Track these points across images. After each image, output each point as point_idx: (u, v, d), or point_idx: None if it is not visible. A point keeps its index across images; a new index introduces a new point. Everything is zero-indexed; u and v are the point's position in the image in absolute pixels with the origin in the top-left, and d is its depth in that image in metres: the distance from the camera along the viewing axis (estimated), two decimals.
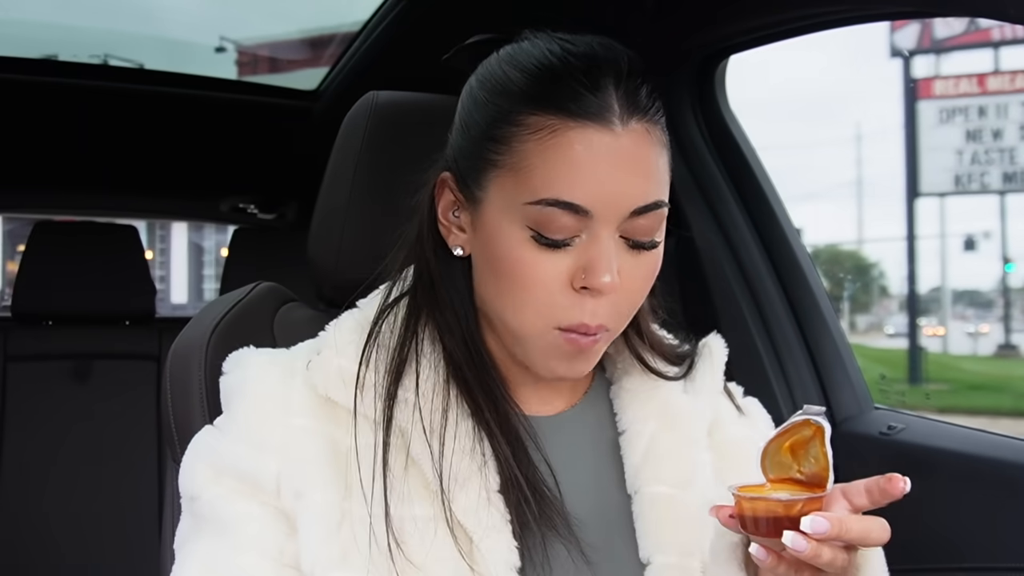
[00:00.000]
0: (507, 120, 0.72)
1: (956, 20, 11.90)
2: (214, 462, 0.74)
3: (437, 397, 0.75)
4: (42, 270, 2.33)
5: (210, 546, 0.72)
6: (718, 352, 0.89)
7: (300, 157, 2.03)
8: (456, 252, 0.78)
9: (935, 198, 15.41)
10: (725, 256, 1.45)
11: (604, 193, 0.69)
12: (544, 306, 0.71)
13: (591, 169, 0.69)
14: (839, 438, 1.33)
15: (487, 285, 0.75)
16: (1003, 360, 15.40)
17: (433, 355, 0.77)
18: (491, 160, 0.73)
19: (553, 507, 0.73)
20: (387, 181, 0.96)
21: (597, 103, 0.70)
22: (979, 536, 1.13)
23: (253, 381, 0.77)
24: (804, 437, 0.71)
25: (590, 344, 0.73)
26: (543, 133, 0.70)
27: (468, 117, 0.77)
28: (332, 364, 0.76)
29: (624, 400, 0.84)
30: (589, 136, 0.69)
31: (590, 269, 0.70)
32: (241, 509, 0.72)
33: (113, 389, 2.31)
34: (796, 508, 0.66)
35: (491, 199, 0.73)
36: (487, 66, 0.77)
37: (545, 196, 0.69)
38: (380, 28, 1.68)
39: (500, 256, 0.72)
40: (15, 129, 2.17)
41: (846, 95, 50.69)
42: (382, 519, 0.70)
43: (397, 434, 0.74)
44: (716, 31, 1.33)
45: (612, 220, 0.70)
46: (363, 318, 0.80)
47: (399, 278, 0.82)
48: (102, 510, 2.23)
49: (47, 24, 2.21)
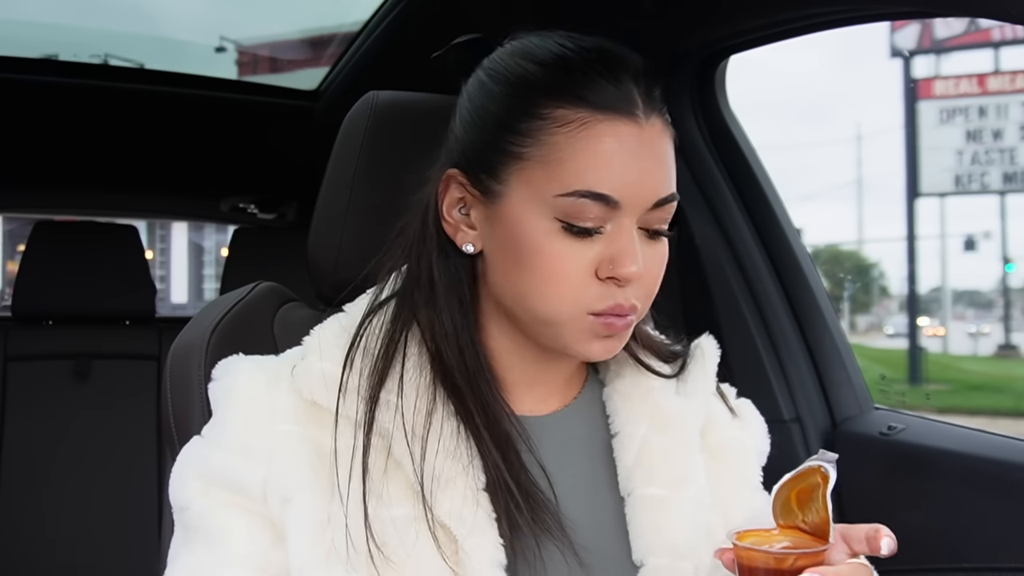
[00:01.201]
0: (530, 113, 0.73)
1: (956, 20, 11.90)
2: (203, 473, 0.75)
3: (421, 398, 0.75)
4: (42, 270, 2.33)
5: (197, 558, 0.73)
6: (710, 353, 0.89)
7: (300, 157, 2.03)
8: (467, 249, 0.77)
9: (935, 198, 15.42)
10: (725, 256, 1.45)
11: (632, 184, 0.71)
12: (575, 294, 0.72)
13: (621, 161, 0.71)
14: (839, 438, 1.34)
15: (508, 276, 0.75)
16: (1003, 360, 15.40)
17: (419, 356, 0.77)
18: (513, 153, 0.73)
19: (546, 508, 0.74)
20: (387, 181, 0.96)
21: (623, 97, 0.72)
22: (979, 536, 1.13)
23: (239, 389, 0.77)
24: (811, 485, 0.70)
25: (624, 327, 0.74)
26: (573, 126, 0.71)
27: (481, 111, 0.76)
28: (315, 368, 0.76)
29: (617, 402, 0.84)
30: (618, 129, 0.71)
31: (618, 260, 0.71)
32: (228, 521, 0.73)
33: (113, 389, 2.31)
34: (788, 562, 0.65)
35: (513, 191, 0.73)
36: (499, 61, 0.78)
37: (577, 188, 0.70)
38: (380, 28, 1.68)
39: (525, 247, 0.73)
40: (15, 129, 2.17)
41: (844, 95, 50.72)
42: (361, 520, 0.70)
43: (379, 436, 0.74)
44: (716, 31, 1.33)
45: (637, 211, 0.72)
46: (348, 322, 0.80)
47: (387, 281, 0.82)
48: (102, 510, 2.23)
49: (47, 24, 2.21)
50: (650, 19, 1.27)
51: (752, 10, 1.24)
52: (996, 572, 1.10)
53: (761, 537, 0.69)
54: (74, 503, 2.22)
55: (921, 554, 1.18)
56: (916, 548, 1.19)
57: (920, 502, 1.20)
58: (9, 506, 2.19)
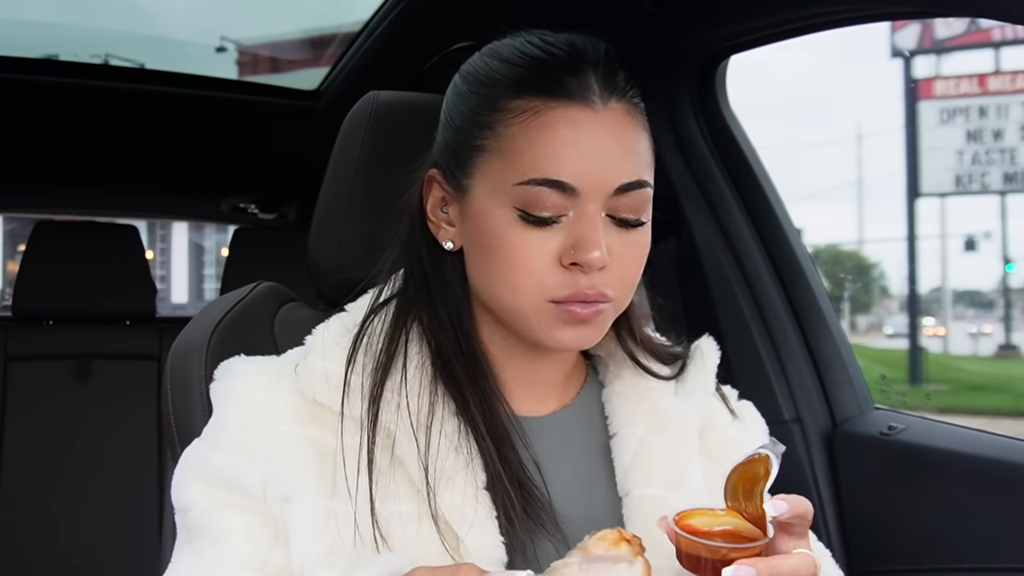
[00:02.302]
0: (491, 107, 0.74)
1: (957, 20, 11.90)
2: (204, 475, 0.75)
3: (423, 396, 0.76)
4: (42, 270, 2.33)
5: (199, 556, 0.73)
6: (710, 355, 0.89)
7: (300, 157, 2.04)
8: (446, 246, 0.79)
9: (936, 198, 15.41)
10: (725, 256, 1.45)
11: (589, 170, 0.71)
12: (535, 283, 0.73)
13: (575, 146, 0.71)
14: (839, 438, 1.34)
15: (479, 270, 0.77)
16: (1003, 360, 15.39)
17: (420, 355, 0.78)
18: (477, 146, 0.75)
19: (540, 505, 0.74)
20: (387, 181, 0.96)
21: (577, 84, 0.72)
22: (979, 536, 1.13)
23: (239, 390, 0.77)
24: (754, 475, 0.69)
25: (591, 315, 0.74)
26: (527, 115, 0.72)
27: (452, 110, 0.79)
28: (318, 367, 0.77)
29: (615, 403, 0.84)
30: (572, 115, 0.72)
31: (579, 245, 0.71)
32: (230, 520, 0.73)
33: (113, 389, 2.32)
34: (721, 554, 0.65)
35: (478, 184, 0.75)
36: (470, 63, 0.80)
37: (532, 176, 0.71)
38: (380, 28, 1.68)
39: (489, 238, 0.74)
40: (15, 129, 2.17)
41: (845, 95, 50.69)
42: (367, 516, 0.71)
43: (383, 434, 0.75)
44: (716, 31, 1.33)
45: (598, 197, 0.72)
46: (350, 321, 0.81)
47: (388, 281, 0.83)
48: (102, 509, 2.23)
49: (47, 24, 2.20)
50: (650, 19, 1.27)
51: (752, 10, 1.24)
52: (996, 572, 1.10)
53: (707, 517, 0.69)
54: (74, 503, 2.22)
55: (921, 554, 1.18)
56: (916, 548, 1.19)
57: (920, 502, 1.20)
58: (9, 506, 2.19)
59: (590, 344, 0.77)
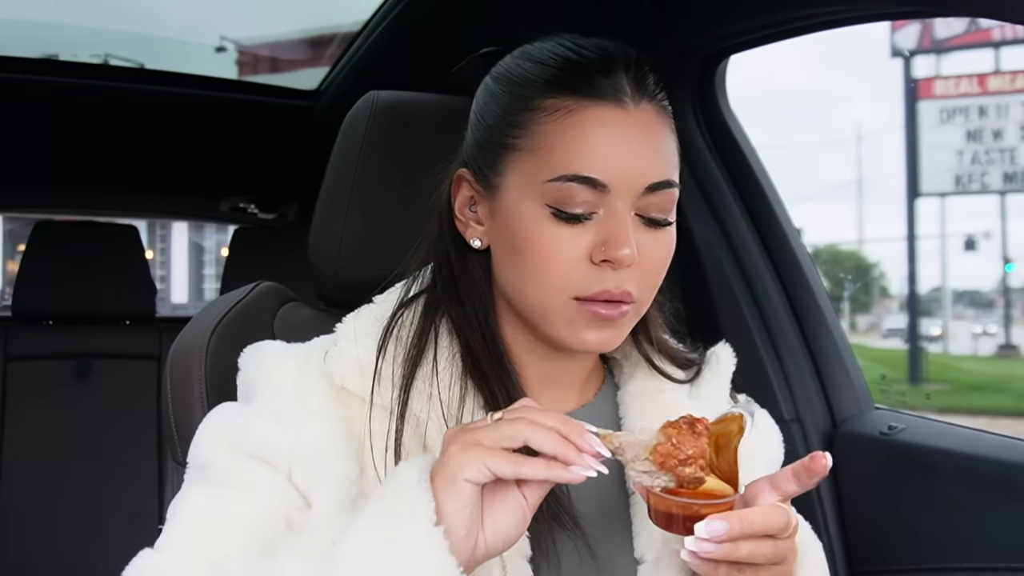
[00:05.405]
0: (524, 106, 0.75)
1: (957, 20, 11.90)
2: (231, 434, 0.75)
3: (454, 387, 0.77)
4: (42, 270, 2.33)
5: (220, 497, 0.73)
6: (725, 361, 0.91)
7: (300, 157, 2.03)
8: (474, 244, 0.80)
9: (935, 198, 15.41)
10: (725, 256, 1.45)
11: (620, 168, 0.72)
12: (563, 279, 0.73)
13: (606, 145, 0.72)
14: (839, 438, 1.34)
15: (508, 267, 0.77)
16: (1003, 360, 15.40)
17: (451, 347, 0.79)
18: (508, 144, 0.76)
19: (559, 501, 0.75)
20: (387, 181, 0.96)
21: (610, 84, 0.74)
22: (979, 536, 1.13)
23: (271, 370, 0.78)
24: (728, 432, 0.70)
25: (616, 316, 0.75)
26: (560, 114, 0.73)
27: (483, 110, 0.80)
28: (349, 354, 0.78)
29: (628, 403, 0.86)
30: (604, 115, 0.73)
31: (610, 242, 0.72)
32: (253, 473, 0.74)
33: (113, 389, 2.31)
34: (692, 510, 0.66)
35: (509, 182, 0.76)
36: (502, 65, 0.81)
37: (564, 172, 0.72)
38: (380, 28, 1.68)
39: (520, 235, 0.74)
40: (16, 128, 2.17)
41: (845, 95, 50.70)
42: None
43: (412, 422, 0.76)
44: (716, 31, 1.33)
45: (628, 195, 0.73)
46: (380, 312, 0.82)
47: (417, 276, 0.84)
48: (102, 509, 2.23)
49: (47, 24, 2.21)
50: (651, 19, 1.27)
51: (752, 10, 1.24)
52: (996, 572, 1.10)
53: None
54: (74, 503, 2.22)
55: (921, 554, 1.18)
56: (916, 548, 1.19)
57: (920, 502, 1.20)
58: (9, 505, 2.19)
59: (613, 346, 0.78)
